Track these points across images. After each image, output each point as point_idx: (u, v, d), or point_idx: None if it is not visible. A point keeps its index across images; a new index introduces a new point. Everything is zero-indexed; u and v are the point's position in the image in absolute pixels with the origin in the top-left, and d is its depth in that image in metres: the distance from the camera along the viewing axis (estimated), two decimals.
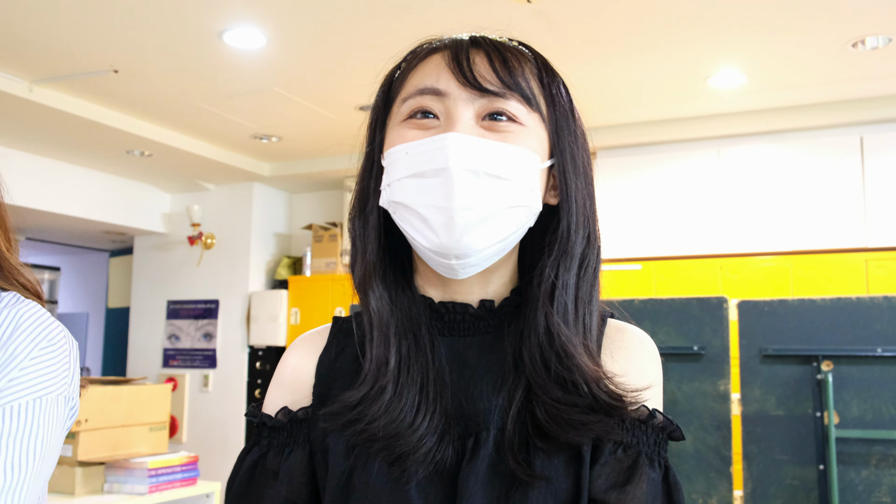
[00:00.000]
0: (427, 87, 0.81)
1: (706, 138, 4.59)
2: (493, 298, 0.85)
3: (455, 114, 0.79)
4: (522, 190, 0.79)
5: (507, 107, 0.79)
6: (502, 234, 0.79)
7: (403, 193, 0.79)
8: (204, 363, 5.92)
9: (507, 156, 0.78)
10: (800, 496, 3.00)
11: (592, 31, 3.38)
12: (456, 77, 0.80)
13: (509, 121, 0.80)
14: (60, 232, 6.56)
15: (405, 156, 0.79)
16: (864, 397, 2.96)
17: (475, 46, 0.84)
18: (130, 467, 3.05)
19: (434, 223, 0.77)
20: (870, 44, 3.45)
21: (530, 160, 0.80)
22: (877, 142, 4.22)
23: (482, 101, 0.79)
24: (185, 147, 5.00)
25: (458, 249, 0.77)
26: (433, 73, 0.82)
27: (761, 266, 4.35)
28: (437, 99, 0.80)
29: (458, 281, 0.84)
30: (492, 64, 0.81)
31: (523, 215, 0.80)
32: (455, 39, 0.86)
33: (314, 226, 5.81)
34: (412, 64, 0.87)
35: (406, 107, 0.82)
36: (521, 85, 0.81)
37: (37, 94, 4.06)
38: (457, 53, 0.82)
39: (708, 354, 3.18)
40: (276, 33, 3.44)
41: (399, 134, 0.81)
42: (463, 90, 0.80)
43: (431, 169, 0.77)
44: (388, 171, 0.81)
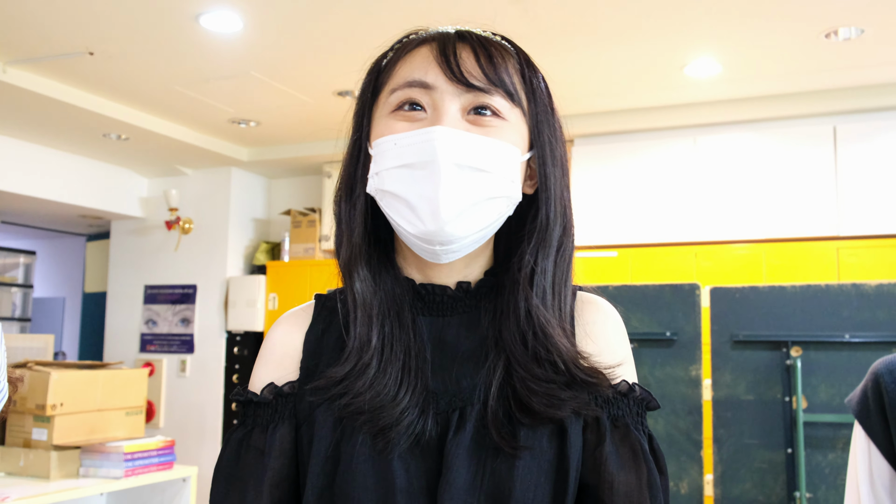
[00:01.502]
0: (415, 80, 0.84)
1: (682, 127, 4.63)
2: (470, 280, 0.90)
3: (442, 107, 0.83)
4: (504, 182, 0.84)
5: (491, 102, 0.84)
6: (484, 223, 0.84)
7: (392, 183, 0.83)
8: (181, 348, 5.91)
9: (491, 149, 0.83)
10: (768, 479, 3.06)
11: (568, 19, 3.40)
12: (443, 71, 0.84)
13: (493, 115, 0.84)
14: (36, 216, 6.50)
15: (394, 146, 0.83)
16: (832, 382, 3.01)
17: (461, 41, 0.87)
18: (106, 451, 3.05)
19: (421, 211, 0.81)
20: (842, 35, 3.49)
21: (512, 153, 0.84)
22: (850, 132, 4.28)
23: (468, 96, 0.84)
24: (162, 131, 4.97)
25: (443, 236, 0.81)
26: (421, 66, 0.85)
27: (735, 253, 4.41)
28: (425, 92, 0.84)
29: (438, 264, 0.88)
30: (478, 59, 0.85)
31: (504, 205, 0.85)
32: (442, 33, 0.89)
33: (292, 211, 5.80)
34: (400, 54, 0.89)
35: (394, 98, 0.86)
36: (505, 81, 0.85)
37: (11, 75, 4.02)
38: (444, 47, 0.85)
39: (680, 340, 3.23)
40: (254, 17, 3.43)
41: (387, 125, 0.85)
42: (450, 84, 0.83)
43: (419, 161, 0.81)
44: (376, 160, 0.85)
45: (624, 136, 4.77)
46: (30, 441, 3.05)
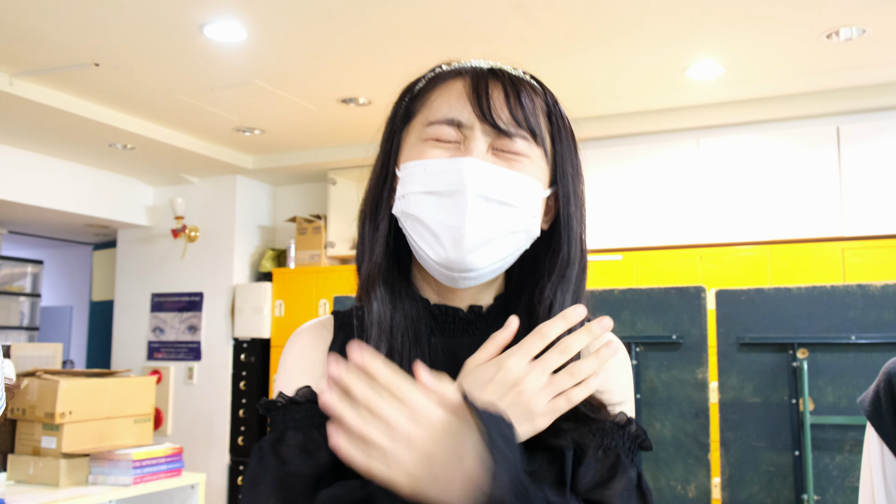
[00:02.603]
0: (450, 119, 0.88)
1: (685, 129, 4.63)
2: (482, 305, 0.94)
3: (472, 142, 0.87)
4: (525, 216, 0.88)
5: (515, 146, 0.88)
6: (503, 255, 0.88)
7: (418, 207, 0.86)
8: (188, 355, 5.92)
9: (516, 184, 0.87)
10: (776, 482, 3.05)
11: (570, 22, 3.41)
12: (475, 111, 0.88)
13: (517, 153, 0.88)
14: (43, 225, 6.53)
15: (422, 172, 0.87)
16: (839, 384, 3.01)
17: (493, 78, 0.91)
18: (115, 459, 3.06)
19: (444, 239, 0.84)
20: (844, 35, 3.50)
21: (535, 189, 0.88)
22: (853, 132, 4.27)
23: (496, 136, 0.88)
24: (167, 140, 5.00)
25: (463, 265, 0.85)
26: (456, 103, 0.89)
27: (740, 256, 4.40)
28: (457, 128, 0.88)
29: (454, 288, 0.92)
30: (507, 100, 0.89)
31: (523, 239, 0.89)
32: (475, 68, 0.93)
33: (298, 218, 5.82)
34: (434, 84, 0.94)
35: (429, 130, 0.89)
36: (531, 122, 0.89)
37: (17, 87, 4.04)
38: (477, 85, 0.89)
39: (686, 343, 3.23)
40: (257, 26, 3.45)
41: (418, 150, 0.89)
42: (480, 123, 0.87)
43: (447, 189, 0.85)
44: (403, 183, 0.89)
45: (627, 140, 4.78)
46: (39, 449, 3.07)
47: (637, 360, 3.26)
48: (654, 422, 3.20)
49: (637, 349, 3.27)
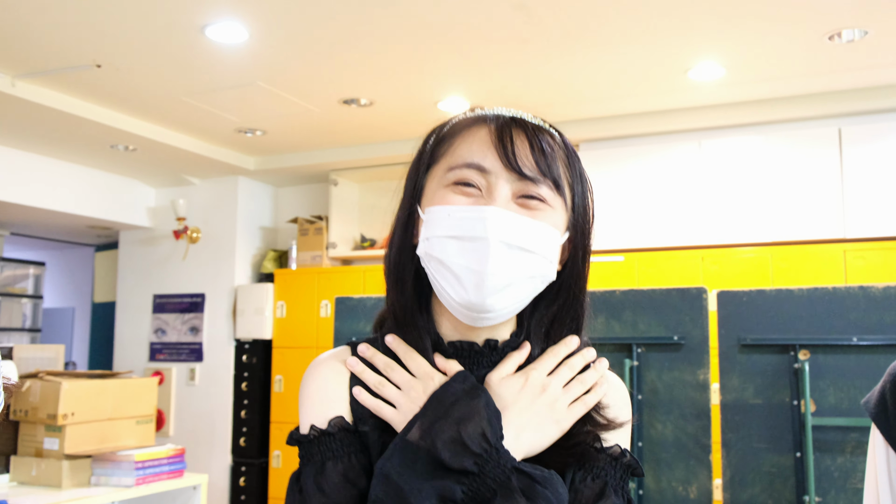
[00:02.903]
0: (474, 163, 0.92)
1: (686, 130, 4.63)
2: (497, 339, 0.98)
3: (496, 189, 0.91)
4: (544, 262, 0.93)
5: (539, 190, 0.92)
6: (521, 298, 0.93)
7: (442, 250, 0.91)
8: (190, 357, 5.93)
9: (537, 232, 0.91)
10: (777, 483, 3.05)
11: (572, 24, 3.41)
12: (500, 158, 0.92)
13: (539, 201, 0.92)
14: (45, 227, 6.54)
15: (447, 217, 0.91)
16: (840, 386, 3.01)
17: (517, 127, 0.94)
18: (117, 460, 3.07)
19: (466, 282, 0.89)
20: (846, 37, 3.50)
21: (554, 237, 0.93)
22: (854, 133, 4.27)
23: (519, 183, 0.92)
24: (169, 141, 5.00)
25: (483, 307, 0.90)
26: (480, 149, 0.93)
27: (741, 257, 4.40)
28: (481, 174, 0.92)
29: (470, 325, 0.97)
30: (531, 149, 0.93)
31: (540, 283, 0.94)
32: (499, 116, 0.97)
33: (299, 219, 5.82)
34: (458, 129, 0.97)
35: (452, 174, 0.93)
36: (553, 171, 0.93)
37: (20, 89, 4.05)
38: (501, 134, 0.93)
39: (688, 344, 3.23)
40: (259, 27, 3.45)
41: (443, 195, 0.93)
42: (504, 171, 0.92)
43: (470, 235, 0.89)
44: (427, 226, 0.94)
45: (629, 141, 4.78)
46: (42, 450, 3.07)
47: (638, 360, 3.26)
48: (655, 423, 3.20)
49: (638, 350, 3.27)
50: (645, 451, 3.19)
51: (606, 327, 3.35)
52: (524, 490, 0.84)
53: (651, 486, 3.17)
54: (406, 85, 4.15)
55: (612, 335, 3.32)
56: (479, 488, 0.84)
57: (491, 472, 0.84)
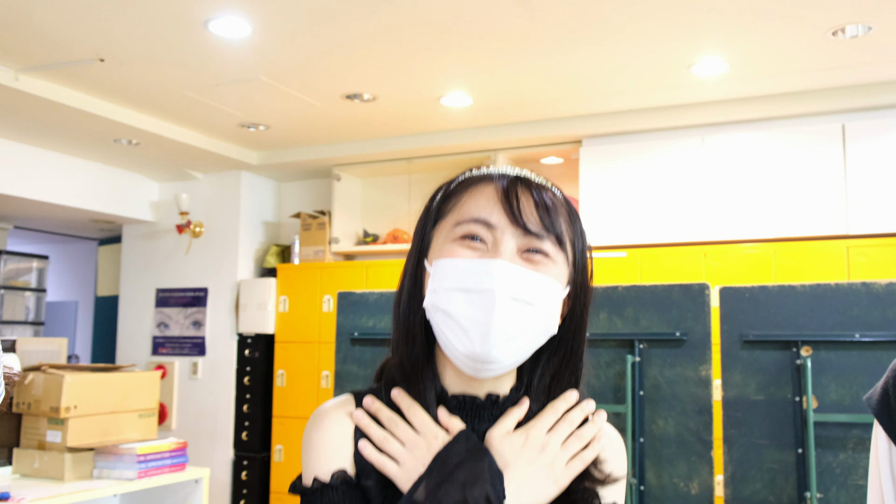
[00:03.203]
0: (481, 218, 0.96)
1: (689, 126, 4.62)
2: (499, 393, 1.01)
3: (501, 244, 0.94)
4: (547, 316, 0.96)
5: (543, 245, 0.95)
6: (524, 350, 0.96)
7: (447, 302, 0.93)
8: (193, 351, 5.94)
9: (541, 285, 0.94)
10: (779, 479, 3.05)
11: (575, 19, 3.41)
12: (506, 213, 0.95)
13: (543, 256, 0.96)
14: (48, 220, 6.55)
15: (454, 269, 0.94)
16: (842, 382, 3.01)
17: (522, 185, 0.98)
18: (119, 453, 3.08)
19: (472, 333, 0.92)
20: (849, 32, 3.49)
21: (557, 291, 0.96)
22: (858, 129, 4.26)
23: (524, 238, 0.95)
24: (172, 136, 5.01)
25: (488, 358, 0.92)
26: (486, 205, 0.96)
27: (744, 253, 4.40)
28: (488, 229, 0.95)
29: (473, 378, 0.99)
30: (536, 206, 0.96)
31: (542, 336, 0.97)
32: (504, 174, 1.00)
33: (302, 214, 5.83)
34: (465, 186, 1.01)
35: (459, 229, 0.96)
36: (557, 227, 0.97)
37: (23, 82, 4.06)
38: (507, 191, 0.97)
39: (690, 340, 3.23)
40: (261, 22, 3.45)
41: (450, 249, 0.96)
42: (510, 226, 0.95)
43: (477, 288, 0.92)
44: (434, 278, 0.96)
45: (631, 137, 4.77)
46: (44, 443, 3.08)
47: (640, 356, 3.26)
48: (657, 419, 3.20)
49: (640, 346, 3.27)
50: (647, 447, 3.19)
51: (608, 323, 3.35)
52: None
53: (652, 482, 3.18)
54: (409, 80, 4.15)
55: (615, 331, 3.32)
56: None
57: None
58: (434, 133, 5.16)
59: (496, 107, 4.62)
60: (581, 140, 4.90)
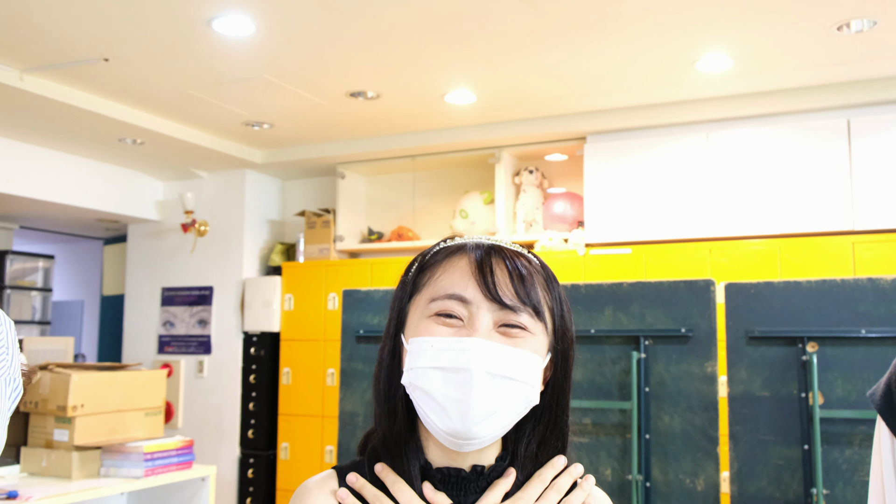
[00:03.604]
0: (455, 294, 0.95)
1: (694, 122, 4.62)
2: (484, 465, 1.00)
3: (477, 320, 0.93)
4: (527, 388, 0.95)
5: (520, 319, 0.95)
6: (505, 424, 0.95)
7: (425, 381, 0.93)
8: (199, 349, 5.95)
9: (519, 360, 0.94)
10: (785, 475, 3.04)
11: (578, 15, 3.40)
12: (481, 289, 0.94)
13: (520, 329, 0.95)
14: (54, 220, 6.57)
15: (430, 348, 0.93)
16: (849, 378, 3.00)
17: (496, 256, 0.97)
18: (126, 451, 3.09)
19: (451, 412, 0.91)
20: (854, 27, 3.48)
21: (536, 364, 0.96)
22: (863, 125, 4.25)
23: (500, 313, 0.94)
24: (176, 135, 5.01)
25: (469, 435, 0.92)
26: (461, 281, 0.96)
27: (750, 249, 4.39)
28: (463, 305, 0.95)
29: (456, 451, 0.98)
30: (511, 279, 0.95)
31: (523, 407, 0.96)
32: (479, 244, 1.00)
33: (307, 212, 5.83)
34: (439, 259, 1.00)
35: (434, 305, 0.96)
36: (533, 299, 0.96)
37: (28, 82, 4.06)
38: (481, 264, 0.96)
39: (695, 336, 3.23)
40: (265, 20, 3.45)
41: (426, 326, 0.95)
42: (486, 301, 0.94)
43: (454, 366, 0.92)
44: (411, 356, 0.96)
45: (636, 133, 4.77)
46: (51, 442, 3.10)
47: (646, 353, 3.26)
48: (662, 415, 3.20)
49: (646, 342, 3.27)
50: (652, 443, 3.19)
51: (614, 320, 3.35)
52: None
53: (658, 478, 3.18)
54: (413, 77, 4.15)
55: (620, 328, 3.32)
56: None
57: None
58: (438, 130, 5.16)
59: (500, 104, 4.62)
60: (585, 137, 4.89)
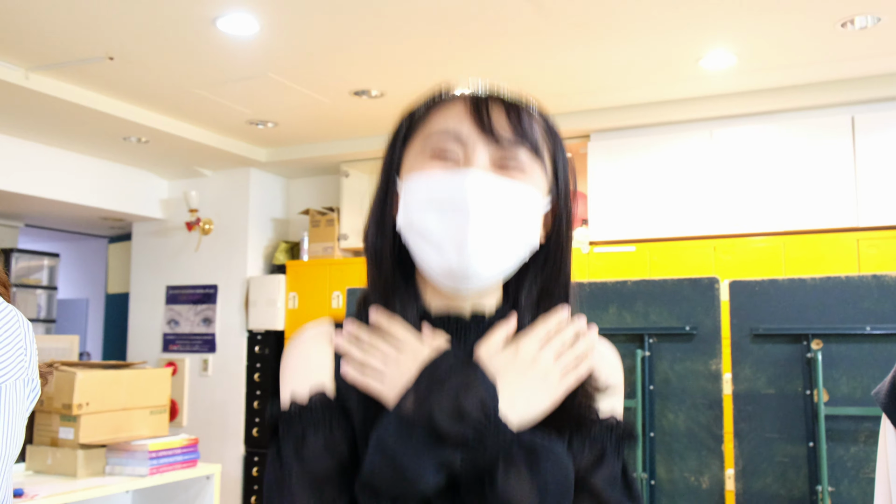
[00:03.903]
0: (451, 131, 0.91)
1: (698, 120, 4.61)
2: (484, 312, 0.96)
3: (473, 156, 0.90)
4: (526, 226, 0.91)
5: (517, 155, 0.91)
6: (505, 263, 0.91)
7: (420, 219, 0.90)
8: (203, 347, 5.96)
9: (517, 194, 0.90)
10: (790, 473, 3.04)
11: (583, 13, 3.40)
12: (476, 125, 0.91)
13: (519, 166, 0.91)
14: (59, 218, 6.59)
15: (426, 184, 0.90)
16: (853, 375, 3.00)
17: (493, 99, 0.94)
18: (131, 450, 3.09)
19: (448, 248, 0.88)
20: (858, 23, 3.47)
21: (536, 200, 0.92)
22: (868, 121, 4.24)
23: (497, 149, 0.91)
24: (181, 133, 5.02)
25: (466, 273, 0.88)
26: (455, 118, 0.92)
27: (754, 246, 4.39)
28: (458, 143, 0.91)
29: (455, 296, 0.94)
30: (508, 116, 0.92)
31: (523, 249, 0.93)
32: (474, 91, 0.96)
33: (311, 210, 5.84)
34: (434, 105, 0.97)
35: (428, 144, 0.93)
36: (531, 136, 0.92)
37: (33, 81, 4.07)
38: (477, 104, 0.92)
39: (700, 334, 3.22)
40: (269, 19, 3.46)
41: (420, 164, 0.92)
42: (481, 137, 0.90)
43: (450, 201, 0.88)
44: (405, 196, 0.92)
45: (640, 130, 4.76)
46: (57, 440, 3.10)
47: (650, 351, 3.26)
48: (667, 413, 3.20)
49: (650, 340, 3.27)
50: (657, 441, 3.19)
51: (618, 317, 3.35)
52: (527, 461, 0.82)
53: (663, 476, 3.18)
54: (417, 76, 4.15)
55: (624, 325, 3.31)
56: (478, 458, 0.82)
57: (491, 441, 0.82)
58: None
59: None
60: (589, 134, 4.89)
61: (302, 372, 0.94)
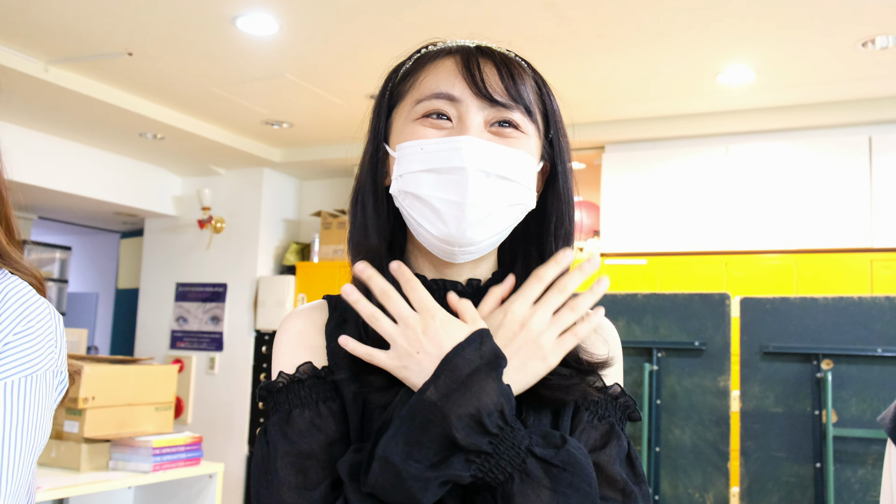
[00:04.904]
0: (442, 93, 0.89)
1: (714, 135, 4.59)
2: (479, 278, 0.95)
3: (467, 119, 0.88)
4: (523, 190, 0.89)
5: (512, 116, 0.90)
6: (501, 228, 0.90)
7: (416, 186, 0.87)
8: (211, 346, 5.97)
9: (514, 159, 0.88)
10: (796, 493, 3.02)
11: (602, 24, 3.39)
12: (469, 86, 0.89)
13: (513, 128, 0.90)
14: (72, 212, 6.62)
15: (420, 151, 0.88)
16: (863, 397, 2.97)
17: (483, 56, 0.92)
18: (135, 445, 3.10)
19: (445, 215, 0.86)
20: (879, 43, 3.45)
21: (531, 163, 0.91)
22: (885, 142, 4.21)
23: (491, 110, 0.89)
24: (197, 131, 5.04)
25: (463, 239, 0.87)
26: (447, 78, 0.90)
27: (766, 264, 4.36)
28: (451, 104, 0.89)
29: (451, 263, 0.93)
30: (500, 76, 0.90)
31: (519, 212, 0.91)
32: (463, 46, 0.94)
33: (323, 213, 5.84)
34: (422, 63, 0.94)
35: (420, 107, 0.90)
36: (524, 97, 0.91)
37: (52, 74, 4.10)
38: (468, 62, 0.90)
39: (709, 350, 3.21)
40: (289, 20, 3.47)
41: (413, 130, 0.90)
42: (475, 98, 0.89)
43: (447, 167, 0.86)
44: (399, 163, 0.90)
45: (656, 143, 4.75)
46: (62, 433, 3.11)
47: (658, 365, 3.25)
48: (673, 428, 3.18)
49: (659, 354, 3.25)
50: (662, 456, 3.17)
51: (627, 331, 3.33)
52: (546, 474, 0.78)
53: (667, 491, 3.16)
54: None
55: (633, 339, 3.30)
56: (490, 470, 0.78)
57: (505, 452, 0.78)
58: None
59: None
60: (604, 146, 4.88)
61: (292, 347, 0.93)
